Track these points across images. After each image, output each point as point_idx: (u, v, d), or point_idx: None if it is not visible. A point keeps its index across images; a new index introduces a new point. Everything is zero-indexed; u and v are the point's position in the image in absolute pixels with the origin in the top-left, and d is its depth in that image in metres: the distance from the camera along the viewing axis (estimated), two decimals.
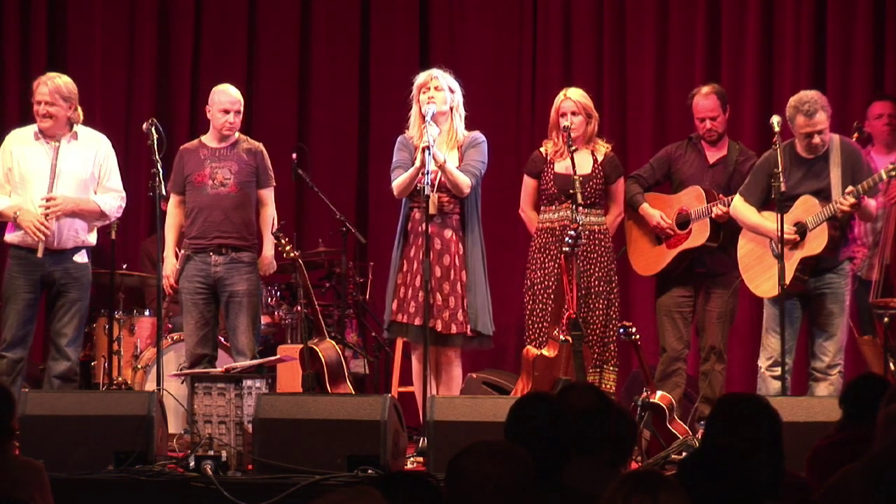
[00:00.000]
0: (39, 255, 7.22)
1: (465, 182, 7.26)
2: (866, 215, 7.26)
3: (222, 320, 7.75)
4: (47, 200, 7.22)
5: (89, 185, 7.39)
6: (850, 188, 7.03)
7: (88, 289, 7.46)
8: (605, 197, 7.72)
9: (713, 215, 7.60)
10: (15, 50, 9.79)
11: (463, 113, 7.41)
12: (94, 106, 9.76)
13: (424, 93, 7.32)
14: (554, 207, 7.64)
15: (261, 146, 7.73)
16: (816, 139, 7.13)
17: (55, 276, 7.31)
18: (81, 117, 7.45)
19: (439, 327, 7.24)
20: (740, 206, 7.36)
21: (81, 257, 7.39)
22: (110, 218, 7.52)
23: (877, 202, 7.72)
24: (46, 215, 7.20)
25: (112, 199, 7.45)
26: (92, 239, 7.46)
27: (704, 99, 7.80)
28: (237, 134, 7.72)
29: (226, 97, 7.64)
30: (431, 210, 7.09)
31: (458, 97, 7.39)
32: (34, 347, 7.95)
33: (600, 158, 7.68)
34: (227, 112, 7.61)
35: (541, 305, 7.57)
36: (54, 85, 7.34)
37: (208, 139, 7.71)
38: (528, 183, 7.79)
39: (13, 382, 7.15)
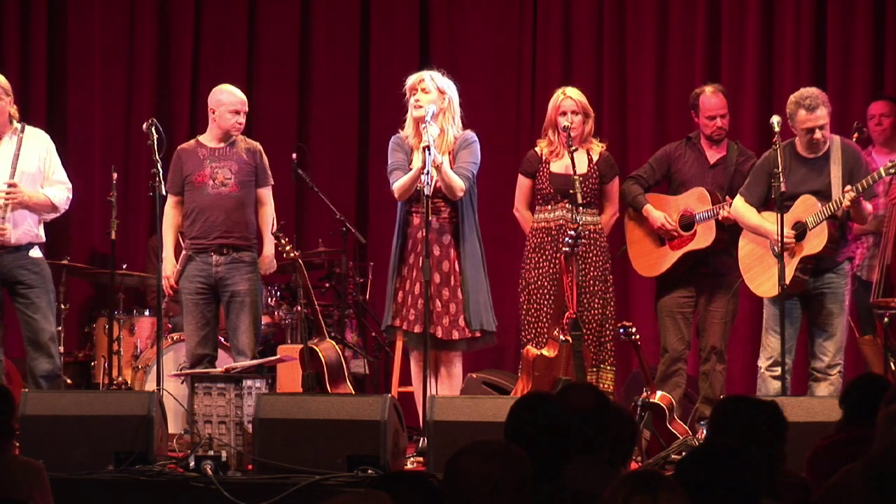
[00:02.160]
0: None
1: (458, 185, 7.23)
2: (861, 217, 7.26)
3: (223, 320, 7.75)
4: (9, 185, 7.20)
5: (36, 179, 7.36)
6: (848, 186, 7.03)
7: (51, 281, 7.43)
8: (601, 196, 7.73)
9: (720, 217, 7.59)
10: (15, 50, 9.78)
11: (457, 113, 7.36)
12: (94, 106, 9.78)
13: (413, 94, 7.32)
14: (550, 207, 7.64)
15: (258, 146, 7.73)
16: (818, 134, 7.12)
17: (14, 273, 7.27)
18: (17, 114, 7.45)
19: (440, 334, 7.24)
20: (741, 207, 7.36)
21: (36, 252, 7.36)
22: (60, 210, 7.46)
23: (878, 203, 7.72)
24: (4, 202, 7.18)
25: (60, 192, 7.42)
26: (42, 234, 7.43)
27: (714, 97, 7.78)
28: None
29: (235, 98, 7.64)
30: (430, 215, 7.07)
31: (451, 99, 7.34)
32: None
33: (595, 158, 7.68)
34: (237, 113, 7.62)
35: (536, 305, 7.57)
36: None
37: (206, 139, 7.70)
38: (523, 182, 7.79)
39: None
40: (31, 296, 7.28)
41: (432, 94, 7.27)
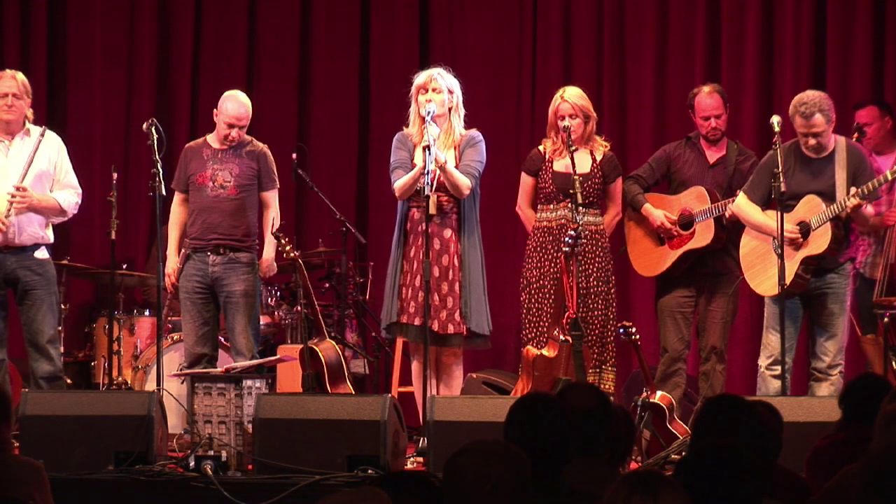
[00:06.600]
0: None
1: (465, 184, 7.25)
2: (862, 220, 7.26)
3: (223, 320, 7.75)
4: (19, 190, 7.19)
5: (45, 181, 7.37)
6: (854, 189, 7.02)
7: (55, 283, 7.43)
8: (603, 196, 7.73)
9: (728, 214, 7.56)
10: (15, 50, 9.78)
11: (462, 112, 7.40)
12: (94, 106, 9.79)
13: (423, 94, 7.31)
14: (551, 206, 7.64)
15: (265, 148, 7.72)
16: (812, 141, 7.12)
17: (18, 274, 7.27)
18: (32, 116, 7.46)
19: (436, 327, 7.24)
20: (744, 205, 7.35)
21: (42, 253, 7.37)
22: (68, 214, 7.47)
23: (881, 202, 7.72)
24: (11, 204, 7.17)
25: (70, 196, 7.43)
26: (49, 235, 7.44)
27: (709, 97, 7.78)
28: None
29: (233, 112, 7.59)
30: (431, 210, 7.09)
31: (458, 97, 7.38)
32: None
33: (599, 158, 7.68)
34: (231, 126, 7.59)
35: (537, 305, 7.57)
36: (21, 79, 7.39)
37: (213, 139, 7.71)
38: (526, 181, 7.79)
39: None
40: (33, 297, 7.28)
41: (443, 94, 7.28)
